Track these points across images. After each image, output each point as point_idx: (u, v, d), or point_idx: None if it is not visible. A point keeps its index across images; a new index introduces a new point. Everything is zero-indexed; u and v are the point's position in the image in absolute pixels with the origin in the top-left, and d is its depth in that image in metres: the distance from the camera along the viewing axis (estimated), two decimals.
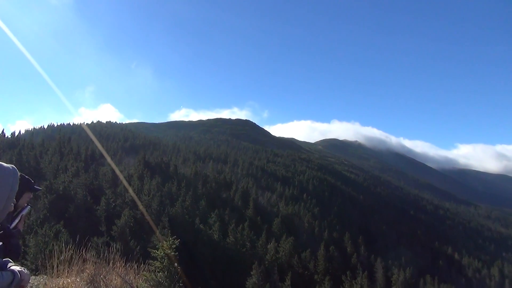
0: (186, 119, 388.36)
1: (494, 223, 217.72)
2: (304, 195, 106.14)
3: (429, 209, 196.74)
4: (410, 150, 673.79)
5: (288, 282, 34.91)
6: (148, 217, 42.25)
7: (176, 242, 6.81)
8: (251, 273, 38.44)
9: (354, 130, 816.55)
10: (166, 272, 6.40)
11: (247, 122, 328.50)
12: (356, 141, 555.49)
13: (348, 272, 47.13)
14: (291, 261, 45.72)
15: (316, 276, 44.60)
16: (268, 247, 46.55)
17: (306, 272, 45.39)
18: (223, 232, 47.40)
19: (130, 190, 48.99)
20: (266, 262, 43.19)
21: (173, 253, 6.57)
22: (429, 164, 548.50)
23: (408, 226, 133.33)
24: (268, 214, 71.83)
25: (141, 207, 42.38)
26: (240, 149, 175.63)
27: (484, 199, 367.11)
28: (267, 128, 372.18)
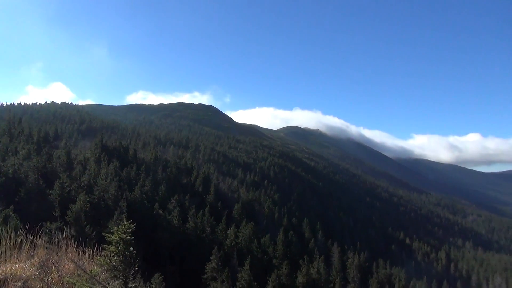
0: (146, 102, 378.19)
1: (443, 210, 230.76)
2: (265, 182, 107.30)
3: (384, 196, 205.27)
4: (369, 140, 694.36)
5: (247, 266, 35.39)
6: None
7: (132, 226, 6.66)
8: (211, 258, 38.64)
9: (316, 119, 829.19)
10: (121, 257, 6.27)
11: (209, 108, 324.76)
12: (318, 129, 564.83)
13: (305, 257, 48.49)
14: (250, 246, 46.32)
15: (274, 261, 45.52)
16: (228, 232, 46.87)
17: (265, 256, 46.20)
18: (183, 217, 47.14)
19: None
20: (226, 247, 43.53)
21: (128, 237, 6.43)
22: (386, 154, 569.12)
23: (364, 212, 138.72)
24: (229, 200, 72.15)
25: None
26: (202, 135, 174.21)
27: (435, 187, 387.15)
28: (229, 113, 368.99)
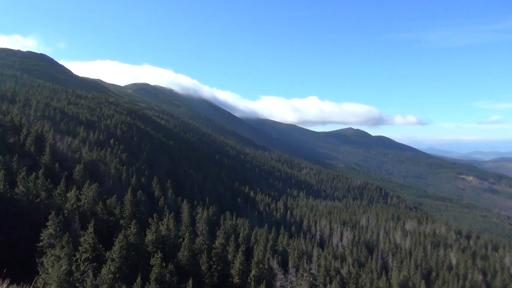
0: None
1: (282, 165, 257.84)
2: (111, 140, 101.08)
3: (232, 154, 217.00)
4: (221, 100, 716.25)
5: (90, 229, 33.05)
6: None
7: None
8: (47, 224, 34.78)
9: (167, 77, 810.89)
10: None
11: (42, 57, 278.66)
12: (169, 88, 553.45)
13: (155, 215, 48.04)
14: (94, 208, 43.33)
15: (122, 221, 43.82)
16: (68, 195, 42.70)
17: (112, 218, 43.99)
18: (10, 181, 40.82)
19: None
20: (66, 211, 39.74)
21: None
22: (236, 114, 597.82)
23: (213, 169, 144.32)
24: (69, 161, 65.41)
25: None
26: (34, 88, 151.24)
27: (277, 145, 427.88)
28: (63, 63, 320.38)
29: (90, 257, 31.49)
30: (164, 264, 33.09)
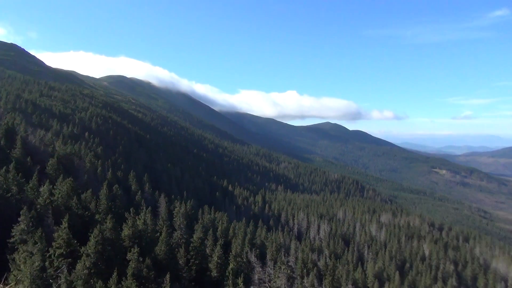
0: None
1: (261, 159, 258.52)
2: (86, 134, 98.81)
3: (210, 148, 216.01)
4: (199, 94, 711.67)
5: (65, 224, 32.26)
6: None
7: None
8: (19, 219, 33.74)
9: (144, 69, 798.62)
10: None
11: (12, 47, 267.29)
12: (146, 80, 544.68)
13: (131, 209, 47.38)
14: (69, 202, 42.26)
15: (97, 216, 42.92)
16: (41, 190, 41.51)
17: (87, 212, 43.05)
18: None
19: None
20: (39, 206, 38.62)
21: None
22: (215, 108, 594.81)
23: (191, 163, 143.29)
24: (41, 154, 63.58)
25: None
26: (3, 79, 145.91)
27: (256, 139, 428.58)
28: (34, 53, 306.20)
29: (64, 252, 30.77)
30: (141, 259, 32.68)
